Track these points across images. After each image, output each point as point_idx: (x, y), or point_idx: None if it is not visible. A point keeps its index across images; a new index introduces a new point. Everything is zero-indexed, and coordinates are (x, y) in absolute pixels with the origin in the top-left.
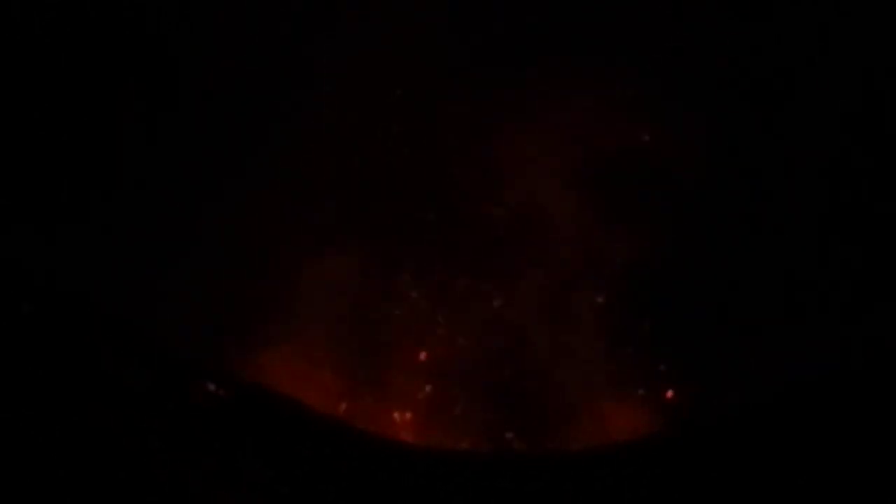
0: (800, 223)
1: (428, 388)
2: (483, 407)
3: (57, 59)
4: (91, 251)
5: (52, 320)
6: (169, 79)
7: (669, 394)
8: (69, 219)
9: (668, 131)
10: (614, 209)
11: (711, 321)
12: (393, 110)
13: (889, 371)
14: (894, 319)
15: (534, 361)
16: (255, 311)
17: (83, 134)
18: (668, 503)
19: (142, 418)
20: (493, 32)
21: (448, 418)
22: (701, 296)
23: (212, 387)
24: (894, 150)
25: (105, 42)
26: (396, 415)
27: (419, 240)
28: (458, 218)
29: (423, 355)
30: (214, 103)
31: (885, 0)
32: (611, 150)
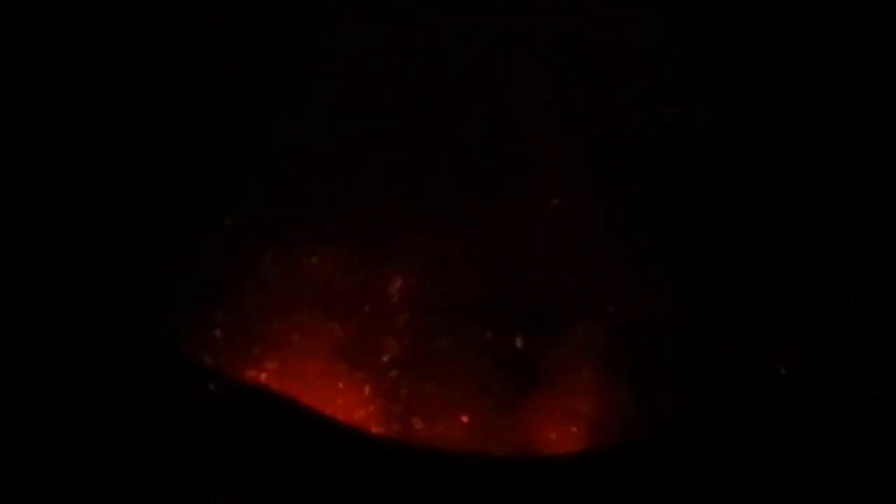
0: (798, 223)
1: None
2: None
3: (57, 59)
4: (91, 251)
5: (52, 320)
6: (169, 79)
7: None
8: (69, 219)
9: (663, 114)
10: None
11: (709, 322)
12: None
13: (887, 372)
14: (891, 320)
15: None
16: (256, 311)
17: (83, 134)
18: (666, 503)
19: (142, 418)
20: None
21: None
22: (698, 296)
23: (212, 387)
24: (892, 151)
25: (105, 42)
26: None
27: (413, 242)
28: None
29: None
30: (214, 103)
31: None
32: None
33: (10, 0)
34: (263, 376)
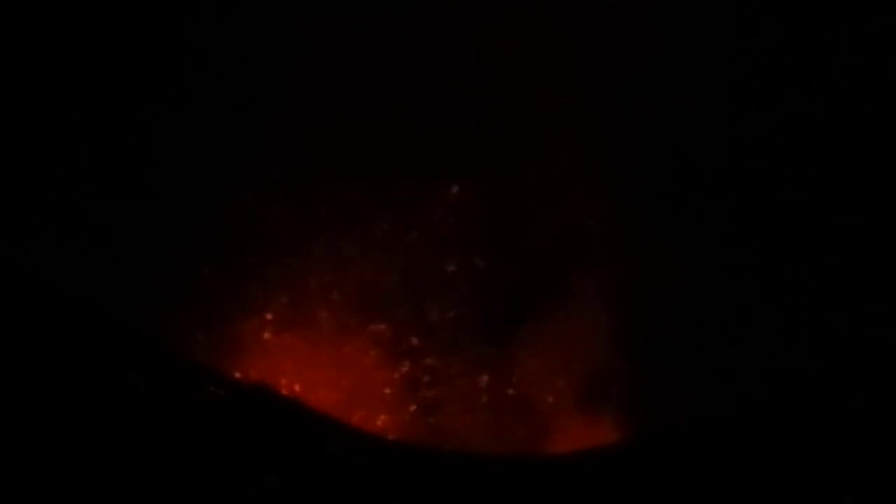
0: (797, 225)
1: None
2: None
3: (57, 60)
4: (91, 252)
5: (52, 321)
6: (169, 79)
7: None
8: (70, 221)
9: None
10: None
11: (707, 324)
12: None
13: (886, 372)
14: (890, 321)
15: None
16: (256, 312)
17: (83, 135)
18: (666, 502)
19: (142, 418)
20: None
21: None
22: (696, 298)
23: (212, 387)
24: (891, 153)
25: (105, 42)
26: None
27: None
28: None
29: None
30: (214, 103)
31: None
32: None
33: (10, 0)
34: (269, 317)
